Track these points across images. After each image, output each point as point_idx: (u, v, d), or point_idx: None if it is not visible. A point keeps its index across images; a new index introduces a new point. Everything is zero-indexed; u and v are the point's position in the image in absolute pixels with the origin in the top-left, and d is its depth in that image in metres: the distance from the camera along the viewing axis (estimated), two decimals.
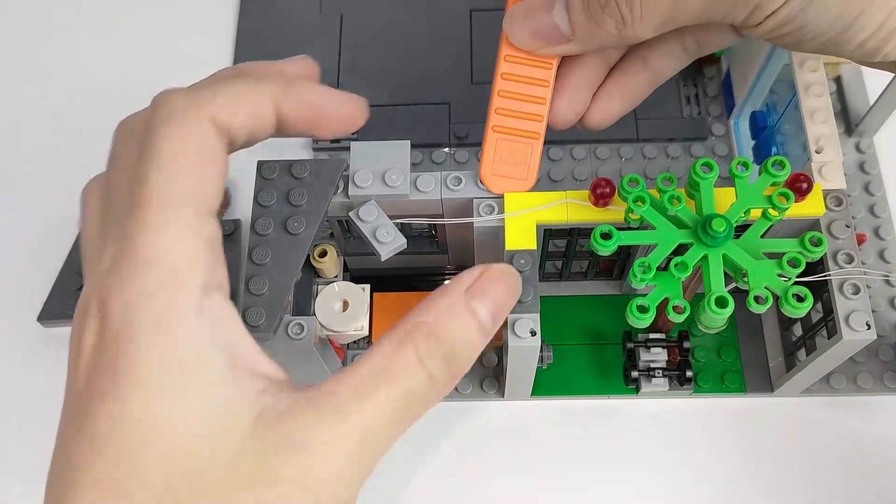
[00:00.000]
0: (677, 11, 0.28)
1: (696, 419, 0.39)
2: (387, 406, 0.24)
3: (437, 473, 0.38)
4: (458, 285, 0.26)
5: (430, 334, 0.25)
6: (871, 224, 0.42)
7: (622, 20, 0.29)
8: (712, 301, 0.29)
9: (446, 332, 0.25)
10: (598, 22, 0.29)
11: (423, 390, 0.25)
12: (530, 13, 0.31)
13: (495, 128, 0.32)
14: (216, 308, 0.24)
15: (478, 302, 0.26)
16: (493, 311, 0.27)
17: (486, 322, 0.26)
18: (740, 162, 0.31)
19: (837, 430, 0.39)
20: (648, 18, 0.29)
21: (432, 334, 0.25)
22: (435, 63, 0.47)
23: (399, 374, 0.24)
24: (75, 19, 0.51)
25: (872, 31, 0.28)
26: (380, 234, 0.31)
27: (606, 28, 0.29)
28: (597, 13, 0.29)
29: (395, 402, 0.24)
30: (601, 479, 0.38)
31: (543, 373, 0.38)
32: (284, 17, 0.49)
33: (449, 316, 0.26)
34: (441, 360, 0.25)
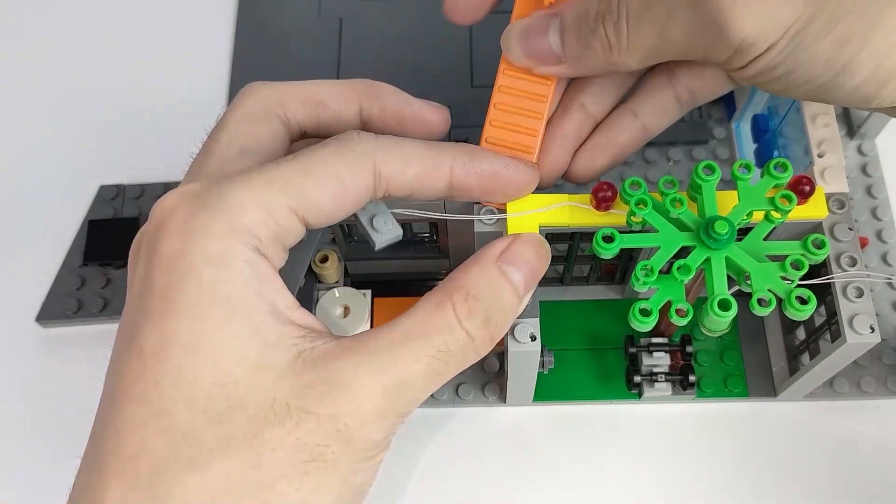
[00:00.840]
0: (663, 42, 0.28)
1: (698, 424, 0.39)
2: (423, 359, 0.26)
3: (439, 479, 0.38)
4: (491, 252, 0.28)
5: (468, 296, 0.27)
6: (873, 227, 0.42)
7: (609, 46, 0.29)
8: (715, 304, 0.29)
9: (483, 294, 0.27)
10: (587, 46, 0.29)
11: (461, 348, 0.26)
12: (527, 33, 0.31)
13: (489, 139, 0.32)
14: (263, 266, 0.25)
15: (511, 267, 0.28)
16: (526, 274, 0.28)
17: (519, 285, 0.28)
18: (742, 164, 0.31)
19: (841, 434, 0.38)
20: (635, 47, 0.29)
21: (470, 296, 0.27)
22: (435, 66, 0.47)
23: (437, 330, 0.26)
24: (75, 20, 0.51)
25: (866, 76, 0.27)
26: (377, 223, 0.31)
27: (595, 52, 0.29)
28: (586, 38, 0.29)
29: (431, 356, 0.26)
30: (604, 484, 0.38)
31: (545, 378, 0.38)
32: (283, 20, 0.49)
33: (484, 280, 0.27)
34: (480, 320, 0.27)
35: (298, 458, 0.24)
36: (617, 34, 0.28)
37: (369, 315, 0.33)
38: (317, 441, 0.24)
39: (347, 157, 0.27)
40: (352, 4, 0.49)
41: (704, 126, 0.45)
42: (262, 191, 0.26)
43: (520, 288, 0.28)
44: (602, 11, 0.29)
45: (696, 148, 0.44)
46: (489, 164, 0.30)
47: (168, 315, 0.24)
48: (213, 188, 0.26)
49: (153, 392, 0.24)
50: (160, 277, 0.25)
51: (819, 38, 0.26)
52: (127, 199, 0.44)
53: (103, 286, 0.42)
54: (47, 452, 0.25)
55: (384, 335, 0.26)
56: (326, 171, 0.27)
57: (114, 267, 0.43)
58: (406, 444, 0.39)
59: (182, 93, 0.48)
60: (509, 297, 0.28)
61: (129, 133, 0.47)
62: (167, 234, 0.25)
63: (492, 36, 0.48)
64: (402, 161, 0.28)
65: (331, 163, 0.27)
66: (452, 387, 0.39)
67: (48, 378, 0.41)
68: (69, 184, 0.45)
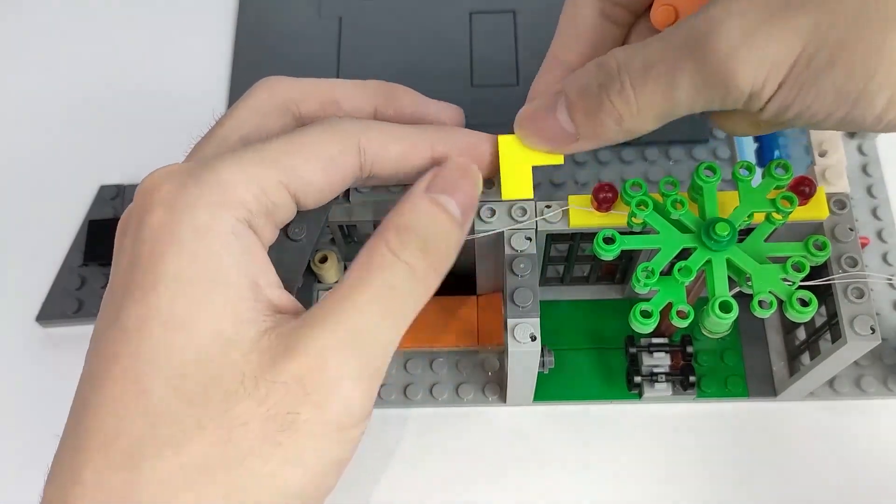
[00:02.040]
0: (673, 103, 0.27)
1: (699, 424, 0.39)
2: (370, 304, 0.25)
3: (439, 479, 0.38)
4: (418, 186, 0.28)
5: (398, 228, 0.26)
6: (873, 227, 0.42)
7: (620, 116, 0.28)
8: (716, 306, 0.29)
9: (415, 222, 0.27)
10: (598, 121, 0.29)
11: (405, 281, 0.26)
12: (534, 117, 0.31)
13: None
14: (251, 239, 0.26)
15: (441, 194, 0.28)
16: (459, 199, 0.28)
17: (454, 210, 0.28)
18: (743, 165, 0.31)
19: (841, 434, 0.38)
20: (646, 111, 0.28)
21: (401, 227, 0.26)
22: (434, 66, 0.47)
23: (376, 270, 0.26)
24: (74, 20, 0.51)
25: (884, 104, 0.26)
26: None
27: (607, 125, 0.29)
28: (593, 113, 0.29)
29: (377, 298, 0.25)
30: (604, 484, 0.38)
31: (545, 378, 0.38)
32: (283, 19, 0.49)
33: (415, 211, 0.27)
34: (416, 249, 0.26)
35: (270, 429, 0.24)
36: (624, 103, 0.28)
37: None
38: (287, 409, 0.24)
39: (335, 135, 0.28)
40: (352, 4, 0.49)
41: (704, 125, 0.45)
42: (253, 166, 0.26)
43: (455, 212, 0.28)
44: (603, 83, 0.28)
45: (697, 147, 0.44)
46: (465, 139, 0.31)
47: (150, 290, 0.24)
48: (204, 165, 0.26)
49: (132, 370, 0.24)
50: (145, 250, 0.25)
51: (824, 72, 0.25)
52: (127, 200, 0.44)
53: (103, 286, 0.42)
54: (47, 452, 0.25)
55: (333, 294, 0.26)
56: (315, 148, 0.27)
57: None
58: (406, 443, 0.39)
59: (182, 93, 0.48)
60: (445, 222, 0.27)
61: (129, 133, 0.47)
62: (154, 206, 0.25)
63: (491, 35, 0.48)
64: (386, 140, 0.29)
65: (319, 140, 0.28)
66: (452, 387, 0.39)
67: (48, 378, 0.41)
68: (69, 184, 0.45)
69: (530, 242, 0.33)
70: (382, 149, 0.29)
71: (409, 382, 0.39)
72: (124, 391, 0.24)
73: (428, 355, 0.40)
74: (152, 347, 0.24)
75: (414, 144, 0.30)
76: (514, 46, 0.48)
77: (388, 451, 0.39)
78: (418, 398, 0.39)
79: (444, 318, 0.38)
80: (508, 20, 0.48)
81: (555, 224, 0.33)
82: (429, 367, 0.40)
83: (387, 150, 0.29)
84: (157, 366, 0.24)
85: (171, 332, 0.24)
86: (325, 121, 0.29)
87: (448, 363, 0.40)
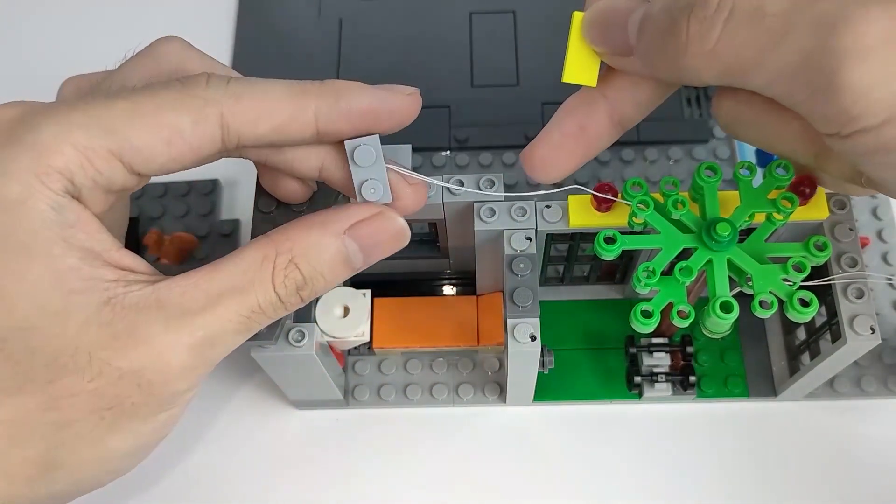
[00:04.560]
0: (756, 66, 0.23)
1: (699, 424, 0.39)
2: (234, 318, 0.25)
3: (438, 480, 0.38)
4: (340, 219, 0.26)
5: (290, 262, 0.26)
6: (873, 227, 0.42)
7: (685, 47, 0.24)
8: (717, 306, 0.28)
9: (308, 263, 0.26)
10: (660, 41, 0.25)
11: (271, 308, 0.26)
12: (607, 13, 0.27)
13: None
14: (75, 210, 0.24)
15: (356, 247, 0.27)
16: (369, 260, 0.27)
17: (356, 265, 0.27)
18: (744, 165, 0.31)
19: (841, 434, 0.38)
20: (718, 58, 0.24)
21: (293, 262, 0.26)
22: (434, 66, 0.47)
23: (253, 288, 0.25)
24: (73, 19, 0.51)
25: None
26: (366, 189, 0.27)
27: (665, 50, 0.25)
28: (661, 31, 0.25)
29: (242, 315, 0.25)
30: (604, 484, 0.38)
31: (545, 378, 0.38)
32: (283, 20, 0.49)
33: (318, 250, 0.26)
34: (294, 289, 0.26)
35: (96, 405, 0.24)
36: (702, 33, 0.24)
37: (369, 315, 0.33)
38: (116, 392, 0.24)
39: (190, 104, 0.25)
40: (352, 4, 0.49)
41: (705, 125, 0.45)
42: (80, 130, 0.24)
43: (357, 266, 0.27)
44: (693, 1, 0.24)
45: (697, 147, 0.44)
46: (360, 101, 0.26)
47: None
48: (30, 119, 0.24)
49: None
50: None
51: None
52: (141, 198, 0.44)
53: None
54: None
55: (200, 286, 0.25)
56: (161, 117, 0.24)
57: None
58: (406, 443, 0.39)
59: None
60: (337, 274, 0.27)
61: None
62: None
63: (491, 35, 0.48)
64: (256, 112, 0.25)
65: (168, 108, 0.25)
66: (452, 387, 0.39)
67: None
68: None
69: (530, 242, 0.33)
70: (250, 124, 0.25)
71: (408, 382, 0.39)
72: None
73: (428, 355, 0.40)
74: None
75: (293, 116, 0.26)
76: (514, 46, 0.48)
77: (388, 451, 0.39)
78: (418, 398, 0.39)
79: (444, 318, 0.38)
80: (508, 20, 0.48)
81: (555, 224, 0.33)
82: (428, 367, 0.40)
83: (256, 125, 0.25)
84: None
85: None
86: (185, 83, 0.25)
87: (448, 363, 0.40)
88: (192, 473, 0.39)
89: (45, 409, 0.24)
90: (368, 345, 0.38)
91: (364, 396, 0.39)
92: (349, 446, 0.39)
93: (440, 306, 0.38)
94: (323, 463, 0.38)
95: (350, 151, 0.27)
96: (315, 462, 0.39)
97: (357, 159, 0.27)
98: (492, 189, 0.33)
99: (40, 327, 0.23)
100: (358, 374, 0.39)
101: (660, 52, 0.25)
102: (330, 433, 0.39)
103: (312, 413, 0.39)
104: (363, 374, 0.39)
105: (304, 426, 0.39)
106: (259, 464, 0.39)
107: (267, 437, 0.39)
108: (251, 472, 0.39)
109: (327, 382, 0.35)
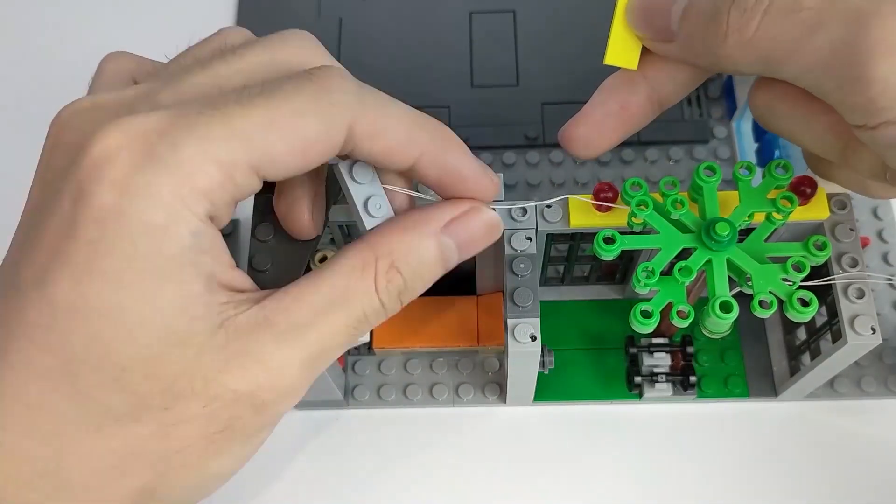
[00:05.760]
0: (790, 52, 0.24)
1: (699, 424, 0.39)
2: (341, 330, 0.25)
3: (438, 479, 0.38)
4: (436, 219, 0.26)
5: (391, 266, 0.25)
6: (874, 227, 0.42)
7: (725, 35, 0.25)
8: (717, 306, 0.28)
9: (408, 267, 0.26)
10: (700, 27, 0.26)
11: (374, 315, 0.26)
12: None
13: None
14: (210, 235, 0.23)
15: (453, 243, 0.26)
16: (465, 255, 0.27)
17: (451, 264, 0.27)
18: (744, 165, 0.31)
19: (842, 434, 0.38)
20: (756, 46, 0.25)
21: (394, 267, 0.25)
22: (434, 66, 0.47)
23: (357, 299, 0.25)
24: (71, 17, 0.51)
25: None
26: (371, 206, 0.27)
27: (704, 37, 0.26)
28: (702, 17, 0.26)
29: (349, 326, 0.25)
30: (604, 485, 0.38)
31: (545, 378, 0.38)
32: (282, 20, 0.49)
33: (417, 252, 0.26)
34: (396, 295, 0.26)
35: (208, 430, 0.24)
36: (742, 24, 0.25)
37: None
38: (229, 415, 0.24)
39: (323, 111, 0.24)
40: (352, 4, 0.49)
41: (705, 125, 0.45)
42: (222, 145, 0.22)
43: (451, 266, 0.27)
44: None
45: (697, 147, 0.44)
46: (462, 165, 0.27)
47: (90, 276, 0.22)
48: (171, 133, 0.22)
49: (61, 351, 0.22)
50: (88, 229, 0.22)
51: None
52: None
53: None
54: None
55: (307, 300, 0.25)
56: (298, 127, 0.23)
57: None
58: (406, 444, 0.39)
59: None
60: (435, 274, 0.26)
61: None
62: (103, 182, 0.22)
63: (491, 35, 0.48)
64: (379, 129, 0.25)
65: (303, 114, 0.23)
66: (452, 387, 0.39)
67: None
68: None
69: (530, 242, 0.33)
70: (369, 139, 0.25)
71: (408, 382, 0.39)
72: (50, 366, 0.22)
73: (428, 355, 0.40)
74: (88, 335, 0.22)
75: (404, 145, 0.26)
76: (514, 46, 0.48)
77: (388, 452, 0.39)
78: (418, 398, 0.39)
79: (444, 318, 0.38)
80: (508, 20, 0.48)
81: (555, 224, 0.33)
82: (428, 367, 0.40)
83: (374, 141, 0.25)
84: (91, 354, 0.22)
85: (110, 324, 0.22)
86: (316, 81, 0.24)
87: (448, 363, 0.40)
88: None
89: (157, 437, 0.24)
90: (368, 345, 0.39)
91: (364, 397, 0.39)
92: (349, 446, 0.39)
93: (440, 306, 0.38)
94: (323, 463, 0.38)
95: (347, 170, 0.27)
96: (315, 462, 0.39)
97: (357, 177, 0.27)
98: None
99: (161, 354, 0.23)
100: (358, 374, 0.39)
101: (701, 40, 0.26)
102: (330, 433, 0.39)
103: (312, 413, 0.39)
104: (363, 374, 0.39)
105: (304, 426, 0.39)
106: (258, 464, 0.39)
107: None
108: (251, 472, 0.38)
109: (327, 382, 0.35)
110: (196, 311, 0.23)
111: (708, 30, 0.26)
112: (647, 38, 0.28)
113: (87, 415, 0.23)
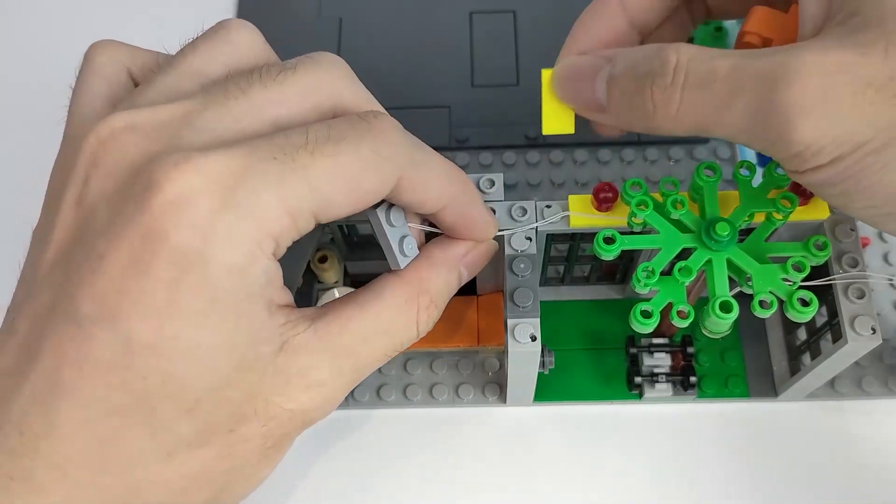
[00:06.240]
0: (716, 123, 0.26)
1: (699, 424, 0.39)
2: (381, 357, 0.28)
3: (438, 480, 0.38)
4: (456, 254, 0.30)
5: (431, 303, 0.29)
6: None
7: (654, 111, 0.27)
8: (717, 306, 0.28)
9: (441, 299, 0.29)
10: (629, 105, 0.28)
11: (410, 342, 0.29)
12: (574, 75, 0.30)
13: None
14: (274, 270, 0.25)
15: (466, 272, 0.30)
16: (470, 274, 0.31)
17: (463, 282, 0.31)
18: (744, 165, 0.31)
19: (842, 434, 0.38)
20: (684, 119, 0.26)
21: (433, 303, 0.29)
22: (435, 66, 0.47)
23: (401, 331, 0.28)
24: (71, 18, 0.51)
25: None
26: (406, 246, 0.29)
27: (636, 113, 0.27)
28: (629, 95, 0.27)
29: (387, 353, 0.28)
30: (604, 485, 0.38)
31: (545, 378, 0.38)
32: (283, 19, 0.49)
33: (446, 284, 0.30)
34: (431, 322, 0.29)
35: (264, 446, 0.26)
36: (665, 101, 0.26)
37: None
38: (283, 432, 0.26)
39: (378, 166, 0.25)
40: (352, 4, 0.49)
41: None
42: (293, 195, 0.24)
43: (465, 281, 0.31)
44: (655, 71, 0.26)
45: (697, 147, 0.44)
46: (474, 211, 0.30)
47: (171, 316, 0.23)
48: (247, 178, 0.23)
49: (137, 388, 0.23)
50: (165, 269, 0.22)
51: (891, 167, 0.24)
52: None
53: None
54: None
55: (357, 329, 0.27)
56: (353, 178, 0.25)
57: None
58: (406, 444, 0.39)
59: None
60: (454, 290, 0.30)
61: None
62: (182, 225, 0.22)
63: (491, 35, 0.48)
64: (420, 183, 0.27)
65: (364, 168, 0.25)
66: (452, 387, 0.39)
67: None
68: None
69: (530, 242, 0.33)
70: (410, 192, 0.26)
71: (408, 383, 0.39)
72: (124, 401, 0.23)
73: (428, 356, 0.40)
74: (166, 371, 0.23)
75: (438, 198, 0.28)
76: (514, 46, 0.48)
77: (388, 452, 0.39)
78: (418, 398, 0.39)
79: (444, 318, 0.38)
80: (508, 20, 0.48)
81: (555, 224, 0.33)
82: (428, 367, 0.40)
83: (413, 193, 0.27)
84: (168, 388, 0.23)
85: (190, 360, 0.23)
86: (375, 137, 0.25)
87: (448, 363, 0.40)
88: None
89: (221, 458, 0.25)
90: None
91: (364, 397, 0.39)
92: (349, 446, 0.39)
93: None
94: (322, 463, 0.38)
95: (385, 215, 0.28)
96: (315, 462, 0.38)
97: (393, 220, 0.29)
98: (492, 189, 0.33)
99: (232, 383, 0.24)
100: None
101: (631, 113, 0.28)
102: (330, 433, 0.39)
103: None
104: None
105: None
106: None
107: None
108: None
109: None
110: (263, 336, 0.25)
111: (636, 105, 0.27)
112: (577, 109, 0.30)
113: (159, 446, 0.24)
